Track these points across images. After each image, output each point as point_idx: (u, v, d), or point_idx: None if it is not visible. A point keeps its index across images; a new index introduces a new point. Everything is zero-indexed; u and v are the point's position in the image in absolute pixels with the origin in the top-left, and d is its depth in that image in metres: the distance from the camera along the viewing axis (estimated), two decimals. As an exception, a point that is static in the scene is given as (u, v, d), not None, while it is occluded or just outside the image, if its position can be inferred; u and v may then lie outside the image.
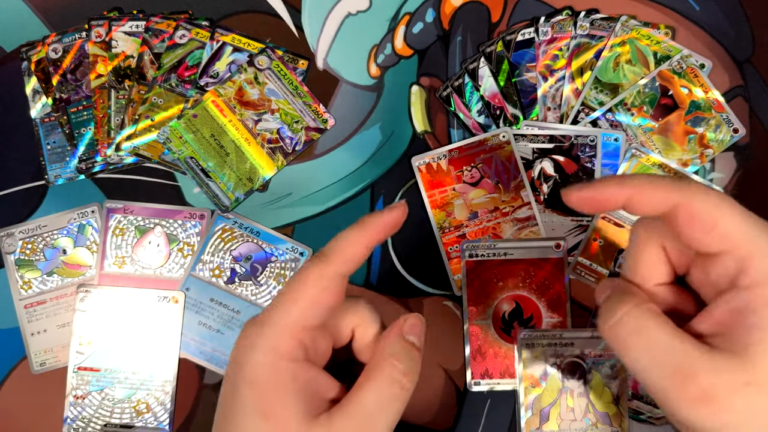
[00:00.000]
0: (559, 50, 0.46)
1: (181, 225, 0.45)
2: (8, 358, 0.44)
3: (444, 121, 0.46)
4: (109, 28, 0.45)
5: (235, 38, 0.46)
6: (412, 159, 0.45)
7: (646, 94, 0.45)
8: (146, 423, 0.43)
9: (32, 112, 0.45)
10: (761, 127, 0.46)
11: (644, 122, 0.45)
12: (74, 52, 0.45)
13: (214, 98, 0.45)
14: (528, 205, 0.45)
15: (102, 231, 0.45)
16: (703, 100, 0.45)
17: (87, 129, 0.45)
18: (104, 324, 0.43)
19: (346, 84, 0.46)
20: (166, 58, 0.45)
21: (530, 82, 0.46)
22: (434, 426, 0.44)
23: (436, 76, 0.46)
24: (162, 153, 0.45)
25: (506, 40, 0.46)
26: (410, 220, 0.46)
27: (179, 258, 0.45)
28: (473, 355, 0.44)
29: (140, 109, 0.45)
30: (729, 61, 0.46)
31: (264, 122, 0.45)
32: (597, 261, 0.44)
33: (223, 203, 0.45)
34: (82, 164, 0.45)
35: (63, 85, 0.45)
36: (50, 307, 0.44)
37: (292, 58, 0.46)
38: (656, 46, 0.45)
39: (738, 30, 0.46)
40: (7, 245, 0.44)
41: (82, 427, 0.43)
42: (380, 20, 0.46)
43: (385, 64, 0.46)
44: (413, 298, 0.45)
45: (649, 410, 0.43)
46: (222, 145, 0.45)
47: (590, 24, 0.46)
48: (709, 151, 0.45)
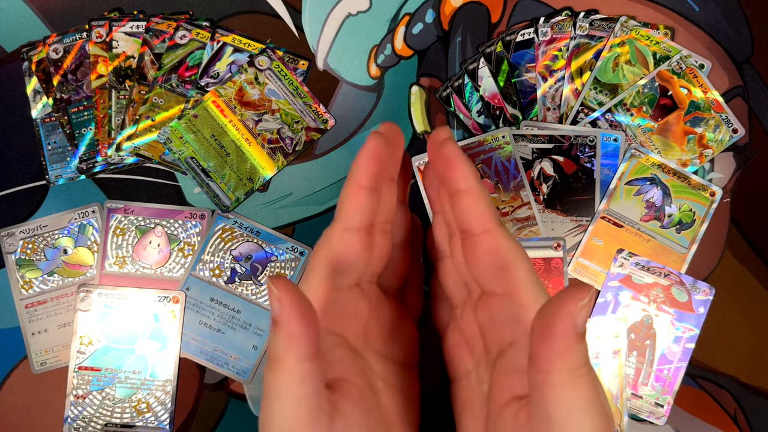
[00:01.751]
0: (559, 51, 0.46)
1: (181, 225, 0.45)
2: (9, 357, 0.44)
3: (444, 121, 0.46)
4: (109, 29, 0.46)
5: (235, 39, 0.46)
6: (412, 159, 0.45)
7: (645, 94, 0.45)
8: (147, 422, 0.43)
9: (33, 113, 0.45)
10: (760, 127, 0.46)
11: (643, 122, 0.45)
12: (75, 52, 0.46)
13: (214, 98, 0.45)
14: (527, 205, 0.45)
15: (103, 231, 0.45)
16: (702, 100, 0.45)
17: (88, 129, 0.45)
18: (105, 324, 0.44)
19: (346, 84, 0.46)
20: (167, 59, 0.45)
21: (530, 82, 0.46)
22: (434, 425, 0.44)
23: (436, 76, 0.47)
24: (162, 153, 0.45)
25: (506, 40, 0.46)
26: (410, 220, 0.46)
27: (180, 258, 0.45)
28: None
29: (141, 110, 0.45)
30: (728, 62, 0.46)
31: (264, 122, 0.45)
32: (596, 261, 0.44)
33: (223, 203, 0.45)
34: (83, 164, 0.45)
35: (64, 85, 0.45)
36: (51, 306, 0.44)
37: (293, 58, 0.46)
38: (655, 46, 0.45)
39: (737, 30, 0.46)
40: (8, 245, 0.45)
41: (82, 426, 0.43)
42: (380, 21, 0.46)
43: (385, 64, 0.46)
44: (413, 298, 0.45)
45: (649, 410, 0.43)
46: (222, 146, 0.45)
47: (590, 24, 0.46)
48: (708, 151, 0.45)
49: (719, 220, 0.45)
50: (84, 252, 0.45)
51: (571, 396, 0.22)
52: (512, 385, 0.26)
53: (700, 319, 0.44)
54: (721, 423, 0.44)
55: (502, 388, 0.26)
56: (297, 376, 0.23)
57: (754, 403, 0.44)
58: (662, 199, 0.45)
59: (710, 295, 0.44)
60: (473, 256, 0.28)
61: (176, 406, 0.44)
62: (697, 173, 0.45)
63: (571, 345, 0.21)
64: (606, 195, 0.45)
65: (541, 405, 0.22)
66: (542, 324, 0.22)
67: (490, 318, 0.28)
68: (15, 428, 0.44)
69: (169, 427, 0.43)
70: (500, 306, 0.27)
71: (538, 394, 0.22)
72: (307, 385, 0.23)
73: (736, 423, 0.44)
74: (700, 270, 0.45)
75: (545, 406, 0.22)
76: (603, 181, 0.45)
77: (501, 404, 0.25)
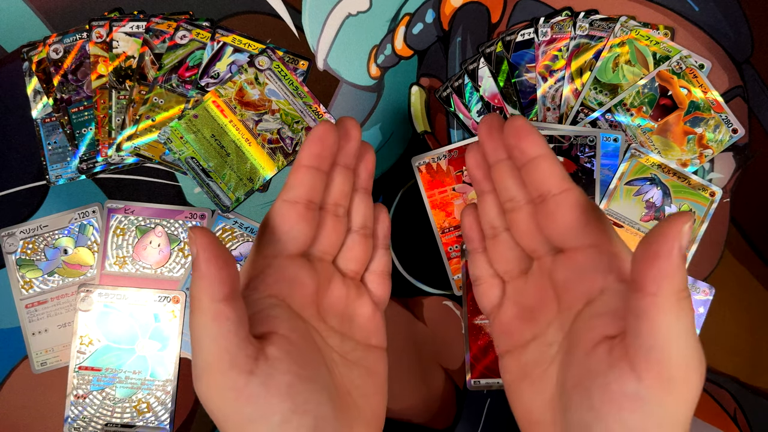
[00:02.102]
0: (559, 51, 0.46)
1: (181, 225, 0.45)
2: (9, 357, 0.44)
3: (444, 121, 0.46)
4: (110, 29, 0.46)
5: (235, 39, 0.46)
6: (412, 159, 0.45)
7: (645, 94, 0.45)
8: (147, 422, 0.43)
9: (33, 113, 0.46)
10: (760, 127, 0.46)
11: (643, 122, 0.45)
12: (75, 52, 0.46)
13: (214, 99, 0.45)
14: (528, 205, 0.45)
15: (103, 231, 0.45)
16: (702, 100, 0.45)
17: (88, 129, 0.45)
18: (105, 324, 0.44)
19: (346, 84, 0.46)
20: (167, 59, 0.45)
21: (530, 82, 0.46)
22: (434, 425, 0.44)
23: (436, 76, 0.47)
24: (163, 153, 0.45)
25: (506, 40, 0.46)
26: (410, 220, 0.46)
27: (180, 258, 0.45)
28: (473, 355, 0.44)
29: (141, 110, 0.45)
30: (728, 62, 0.46)
31: (264, 122, 0.45)
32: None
33: (223, 203, 0.45)
34: (83, 164, 0.45)
35: (64, 85, 0.45)
36: (51, 306, 0.44)
37: (293, 58, 0.46)
38: (655, 46, 0.45)
39: (737, 30, 0.46)
40: (9, 245, 0.45)
41: (83, 426, 0.43)
42: (380, 21, 0.46)
43: (385, 64, 0.46)
44: (413, 298, 0.45)
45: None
46: (223, 146, 0.45)
47: (589, 24, 0.46)
48: (708, 151, 0.45)
49: (719, 220, 0.45)
50: (84, 252, 0.45)
51: (675, 320, 0.23)
52: (604, 325, 0.27)
53: (700, 319, 0.44)
54: (721, 423, 0.44)
55: (593, 330, 0.27)
56: (210, 314, 0.25)
57: (754, 403, 0.44)
58: (662, 199, 0.45)
59: (710, 295, 0.44)
60: (554, 216, 0.29)
61: (176, 406, 0.44)
62: (697, 173, 0.45)
63: (677, 266, 0.23)
64: (606, 195, 0.45)
65: (644, 332, 0.23)
66: (648, 249, 0.23)
67: (576, 271, 0.29)
68: (15, 428, 0.44)
69: (169, 427, 0.43)
70: (588, 258, 0.29)
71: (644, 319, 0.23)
72: (222, 324, 0.25)
73: (736, 423, 0.44)
74: (700, 270, 0.45)
75: (649, 332, 0.23)
76: (603, 181, 0.45)
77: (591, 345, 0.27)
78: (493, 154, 0.32)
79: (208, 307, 0.25)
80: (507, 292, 0.34)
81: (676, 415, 0.24)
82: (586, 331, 0.27)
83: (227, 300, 0.25)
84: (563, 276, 0.30)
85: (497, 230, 0.34)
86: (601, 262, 0.28)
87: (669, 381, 0.23)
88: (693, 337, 0.24)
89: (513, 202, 0.32)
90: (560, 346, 0.29)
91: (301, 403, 0.26)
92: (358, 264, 0.34)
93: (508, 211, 0.32)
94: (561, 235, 0.30)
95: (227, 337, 0.25)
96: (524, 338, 0.32)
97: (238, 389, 0.25)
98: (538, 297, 0.32)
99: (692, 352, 0.23)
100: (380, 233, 0.35)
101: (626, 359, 0.24)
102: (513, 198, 0.32)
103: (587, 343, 0.27)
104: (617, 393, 0.24)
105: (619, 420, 0.24)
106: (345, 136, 0.32)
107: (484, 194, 0.34)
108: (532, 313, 0.32)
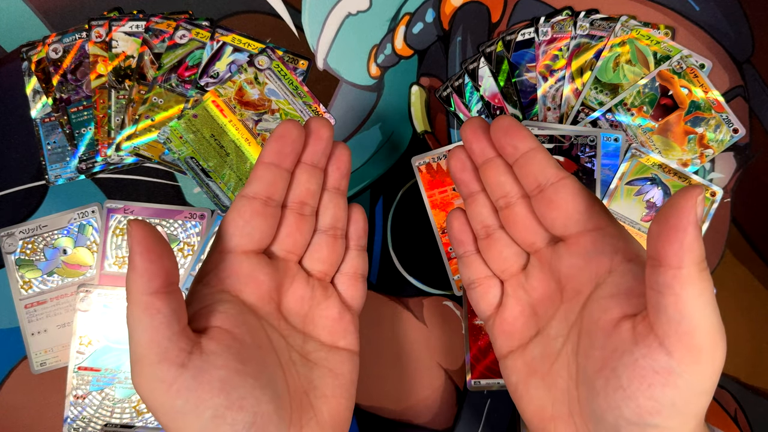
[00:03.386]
0: (559, 50, 0.46)
1: (181, 225, 0.45)
2: (8, 357, 0.44)
3: (444, 121, 0.46)
4: (109, 29, 0.46)
5: (235, 38, 0.46)
6: (412, 159, 0.45)
7: (645, 94, 0.45)
8: (147, 423, 0.43)
9: (32, 112, 0.45)
10: (761, 127, 0.46)
11: (644, 122, 0.45)
12: (74, 52, 0.45)
13: (214, 98, 0.45)
14: (528, 205, 0.45)
15: (102, 231, 0.45)
16: (702, 100, 0.45)
17: (87, 129, 0.45)
18: (105, 324, 0.43)
19: (346, 84, 0.46)
20: (167, 58, 0.45)
21: (530, 82, 0.46)
22: (434, 426, 0.44)
23: (436, 76, 0.46)
24: (162, 153, 0.45)
25: (506, 40, 0.46)
26: (410, 220, 0.46)
27: (179, 258, 0.45)
28: (473, 355, 0.44)
29: (140, 109, 0.45)
30: (729, 62, 0.46)
31: (264, 122, 0.45)
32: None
33: (223, 203, 0.45)
34: (83, 164, 0.45)
35: (63, 85, 0.45)
36: (50, 307, 0.44)
37: (293, 58, 0.46)
38: (656, 46, 0.45)
39: (738, 30, 0.46)
40: (8, 245, 0.44)
41: (82, 426, 0.43)
42: (380, 20, 0.46)
43: (385, 64, 0.46)
44: (413, 298, 0.45)
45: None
46: (222, 145, 0.45)
47: (590, 24, 0.46)
48: (708, 151, 0.45)
49: (720, 220, 0.45)
50: (83, 252, 0.45)
51: (700, 291, 0.23)
52: (620, 305, 0.27)
53: (701, 320, 0.44)
54: (721, 423, 0.44)
55: (609, 311, 0.27)
56: (140, 307, 0.25)
57: (754, 403, 0.44)
58: (663, 199, 0.45)
59: (711, 296, 0.44)
60: (556, 204, 0.30)
61: (176, 407, 0.44)
62: (698, 173, 0.45)
63: (696, 237, 0.23)
64: (606, 195, 0.45)
65: (671, 306, 0.24)
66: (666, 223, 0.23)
67: (582, 256, 0.29)
68: (14, 428, 0.44)
69: (168, 428, 0.43)
70: (592, 241, 0.29)
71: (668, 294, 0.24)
72: (153, 316, 0.25)
73: (736, 423, 0.44)
74: (700, 270, 0.45)
75: (675, 306, 0.23)
76: (603, 181, 0.45)
77: (611, 326, 0.27)
78: (481, 154, 0.32)
79: (139, 299, 0.25)
80: (507, 290, 0.33)
81: (703, 384, 0.24)
82: (601, 312, 0.27)
83: (159, 293, 0.25)
84: (568, 263, 0.30)
85: (490, 229, 0.34)
86: (605, 244, 0.29)
87: (699, 351, 0.24)
88: (715, 306, 0.24)
89: (507, 197, 0.32)
90: (566, 338, 0.29)
91: (235, 399, 0.25)
92: (326, 265, 0.33)
93: (502, 208, 0.32)
94: (564, 221, 0.30)
95: (158, 330, 0.25)
96: (528, 335, 0.32)
97: (168, 382, 0.25)
98: (541, 290, 0.32)
99: (717, 320, 0.24)
100: (354, 234, 0.35)
101: (653, 335, 0.24)
102: (507, 194, 0.32)
103: (606, 324, 0.27)
104: (647, 368, 0.24)
105: (650, 396, 0.24)
106: (314, 135, 0.31)
107: (473, 195, 0.34)
108: (535, 308, 0.32)
